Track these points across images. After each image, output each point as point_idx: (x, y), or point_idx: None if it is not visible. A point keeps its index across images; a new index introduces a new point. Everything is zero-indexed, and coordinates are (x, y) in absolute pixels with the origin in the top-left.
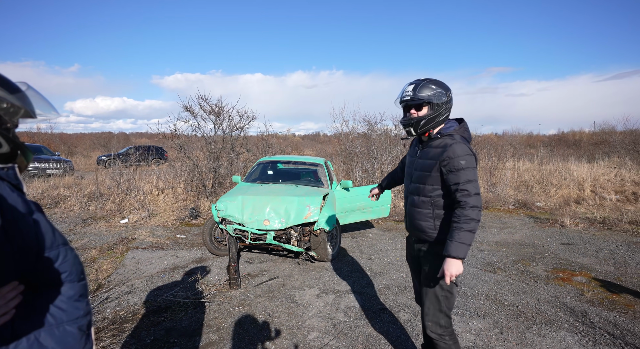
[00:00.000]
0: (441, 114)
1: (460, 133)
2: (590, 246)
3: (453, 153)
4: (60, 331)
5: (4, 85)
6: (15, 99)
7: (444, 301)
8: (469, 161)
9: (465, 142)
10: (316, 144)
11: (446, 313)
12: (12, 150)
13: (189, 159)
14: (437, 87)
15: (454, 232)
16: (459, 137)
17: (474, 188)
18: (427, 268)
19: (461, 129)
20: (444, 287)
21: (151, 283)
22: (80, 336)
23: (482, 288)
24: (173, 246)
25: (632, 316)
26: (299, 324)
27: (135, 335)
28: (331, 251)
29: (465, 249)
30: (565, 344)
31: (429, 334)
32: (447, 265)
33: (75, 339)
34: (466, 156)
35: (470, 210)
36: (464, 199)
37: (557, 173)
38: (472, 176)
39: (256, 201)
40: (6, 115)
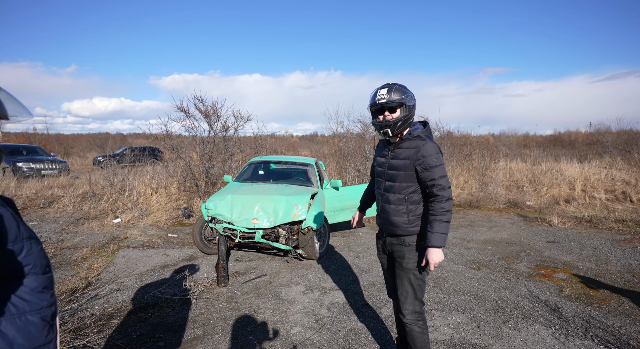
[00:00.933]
0: (412, 116)
1: (426, 134)
2: (575, 244)
3: (426, 152)
4: (22, 320)
5: None
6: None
7: (418, 289)
8: (439, 158)
9: (433, 141)
10: (313, 145)
11: (420, 299)
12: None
13: (181, 160)
14: (406, 90)
15: (434, 224)
16: (427, 138)
17: (447, 182)
18: (402, 260)
19: (427, 131)
20: (418, 276)
21: (140, 281)
22: (42, 326)
23: (464, 284)
24: (164, 245)
25: (606, 310)
26: (282, 319)
27: (122, 331)
28: (319, 249)
29: (444, 238)
30: (538, 337)
31: (405, 321)
32: (430, 254)
33: (38, 329)
34: (437, 154)
35: (445, 203)
36: (440, 193)
37: (548, 173)
38: (444, 171)
39: (245, 200)
40: None
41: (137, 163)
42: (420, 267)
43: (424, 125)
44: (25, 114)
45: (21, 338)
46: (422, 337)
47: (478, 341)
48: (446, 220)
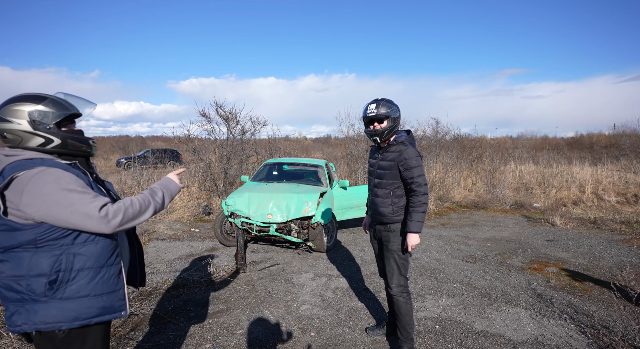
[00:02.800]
0: (397, 125)
1: (409, 141)
2: (573, 242)
3: (407, 155)
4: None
5: (30, 100)
6: (42, 107)
7: (402, 267)
8: (417, 161)
9: (414, 147)
10: (326, 147)
11: (404, 275)
12: (63, 140)
13: (202, 161)
14: (392, 104)
15: (412, 214)
16: (409, 144)
17: (423, 180)
18: (388, 243)
19: (409, 138)
20: (401, 256)
21: (170, 267)
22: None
23: (458, 274)
24: (188, 238)
25: (586, 298)
26: (293, 299)
27: (159, 304)
28: (327, 243)
29: (420, 226)
30: (516, 317)
31: (392, 293)
32: (409, 239)
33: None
34: (417, 157)
35: (422, 197)
36: (417, 189)
37: (559, 175)
38: (421, 171)
39: (261, 197)
40: (43, 119)
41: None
42: (403, 249)
43: (408, 133)
44: (90, 106)
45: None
46: (406, 306)
47: (462, 319)
48: (422, 211)
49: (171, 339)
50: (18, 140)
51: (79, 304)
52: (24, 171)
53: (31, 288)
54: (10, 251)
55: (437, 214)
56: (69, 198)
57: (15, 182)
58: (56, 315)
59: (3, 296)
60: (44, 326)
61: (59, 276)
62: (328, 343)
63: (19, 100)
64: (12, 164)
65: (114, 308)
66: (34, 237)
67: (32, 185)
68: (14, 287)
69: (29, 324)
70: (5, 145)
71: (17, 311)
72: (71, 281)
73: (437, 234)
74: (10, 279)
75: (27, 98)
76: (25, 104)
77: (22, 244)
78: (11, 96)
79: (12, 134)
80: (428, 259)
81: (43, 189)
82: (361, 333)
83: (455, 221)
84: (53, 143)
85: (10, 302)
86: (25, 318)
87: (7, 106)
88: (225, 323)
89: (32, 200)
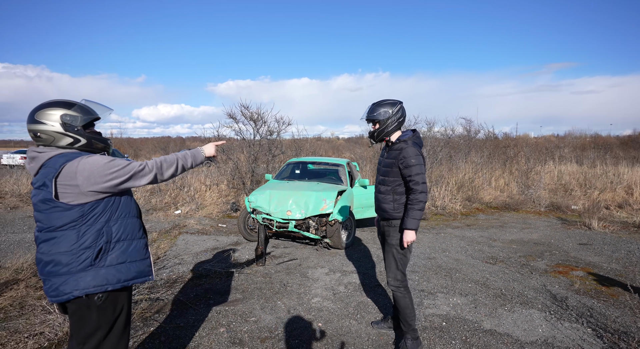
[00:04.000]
0: (388, 126)
1: (413, 140)
2: (609, 247)
3: (407, 154)
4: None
5: (61, 105)
6: (72, 112)
7: (400, 261)
8: (417, 160)
9: (416, 146)
10: (358, 147)
11: (401, 270)
12: (89, 141)
13: (230, 160)
14: (383, 107)
15: (409, 212)
16: (411, 143)
17: (421, 179)
18: (388, 237)
19: (414, 137)
20: (399, 251)
21: (196, 258)
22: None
23: (475, 275)
24: (215, 232)
25: (611, 303)
26: (306, 292)
27: (183, 291)
28: (345, 240)
29: (416, 223)
30: (529, 318)
31: (389, 286)
32: (405, 235)
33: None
34: (415, 156)
35: (419, 195)
36: (415, 187)
37: (603, 176)
38: (420, 170)
39: (281, 195)
40: (72, 122)
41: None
42: (401, 244)
43: (414, 132)
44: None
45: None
46: (404, 300)
47: (471, 317)
48: (418, 209)
49: (190, 323)
50: (50, 139)
51: (118, 269)
52: (68, 161)
53: (79, 259)
54: (60, 230)
55: (463, 215)
56: (116, 165)
57: (65, 170)
58: (102, 279)
59: (49, 271)
60: (93, 289)
61: (102, 247)
62: (334, 333)
63: (52, 105)
64: (52, 158)
65: (144, 272)
66: (80, 215)
67: (82, 167)
68: (62, 261)
69: (79, 290)
70: (38, 144)
71: (64, 282)
72: (111, 251)
73: (460, 235)
74: (60, 255)
75: (58, 104)
76: (57, 109)
77: (70, 222)
78: (45, 101)
79: (46, 134)
80: (446, 258)
81: (93, 167)
82: (367, 326)
83: (482, 222)
84: (80, 143)
85: (56, 275)
86: (75, 286)
87: (41, 110)
88: (240, 310)
89: (88, 177)
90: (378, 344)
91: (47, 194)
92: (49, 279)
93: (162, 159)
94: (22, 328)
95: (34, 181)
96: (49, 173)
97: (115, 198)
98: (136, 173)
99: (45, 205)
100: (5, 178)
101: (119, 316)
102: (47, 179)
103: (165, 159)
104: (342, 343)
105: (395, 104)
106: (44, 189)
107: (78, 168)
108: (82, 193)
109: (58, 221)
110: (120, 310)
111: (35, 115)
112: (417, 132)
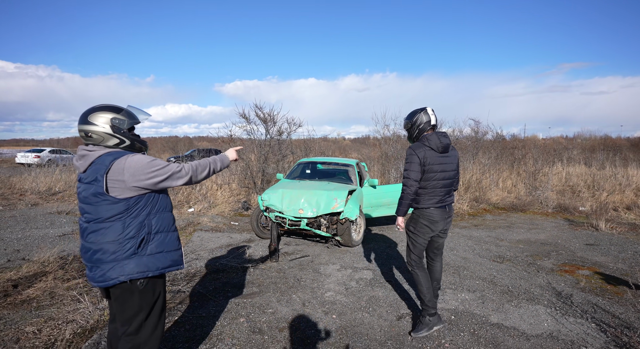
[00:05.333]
0: (411, 132)
1: (422, 141)
2: (615, 247)
3: (406, 153)
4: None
5: (111, 109)
6: (120, 116)
7: (410, 245)
8: (409, 158)
9: (418, 146)
10: (364, 147)
11: (412, 252)
12: (132, 142)
13: (242, 160)
14: (405, 119)
15: (398, 201)
16: (418, 144)
17: (407, 174)
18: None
19: (423, 139)
20: (410, 235)
21: (212, 254)
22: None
23: (483, 273)
24: (228, 230)
25: (615, 300)
26: (319, 286)
27: (202, 284)
28: (356, 238)
29: (401, 210)
30: (535, 313)
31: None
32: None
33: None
34: (410, 155)
35: (403, 187)
36: (402, 180)
37: (612, 178)
38: (408, 167)
39: (293, 193)
40: (120, 125)
41: None
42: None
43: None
44: (146, 116)
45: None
46: (417, 278)
47: (479, 312)
48: (401, 198)
49: (211, 313)
50: (100, 139)
51: (157, 258)
52: (116, 159)
53: (124, 248)
54: (108, 221)
55: (470, 215)
56: (157, 164)
57: (114, 167)
58: (144, 266)
59: (97, 258)
60: (137, 274)
61: (144, 237)
62: (347, 324)
63: (103, 109)
64: (101, 156)
65: (177, 261)
66: (126, 208)
67: (128, 165)
68: (110, 249)
69: (124, 275)
70: (87, 143)
71: (112, 268)
72: (151, 241)
73: (468, 235)
74: (108, 244)
75: (109, 108)
76: (108, 112)
77: (117, 214)
78: (96, 105)
79: (96, 135)
80: (454, 257)
81: (138, 165)
82: (379, 318)
83: (490, 223)
84: (125, 144)
85: (104, 262)
86: (120, 271)
87: (94, 113)
88: (258, 303)
89: (133, 174)
90: (390, 334)
91: (98, 188)
92: (97, 266)
93: (197, 163)
94: (54, 315)
95: (82, 177)
96: (100, 169)
97: (154, 194)
98: (174, 173)
99: (95, 198)
100: (24, 176)
101: (157, 300)
102: (98, 174)
103: (199, 163)
104: (355, 334)
105: (410, 116)
106: (95, 184)
107: (125, 165)
108: (128, 188)
109: (106, 213)
110: (159, 295)
111: (88, 117)
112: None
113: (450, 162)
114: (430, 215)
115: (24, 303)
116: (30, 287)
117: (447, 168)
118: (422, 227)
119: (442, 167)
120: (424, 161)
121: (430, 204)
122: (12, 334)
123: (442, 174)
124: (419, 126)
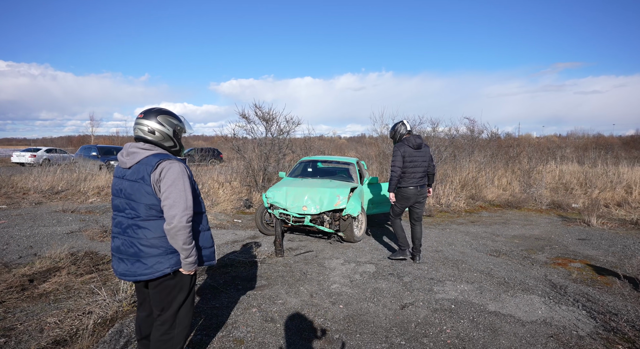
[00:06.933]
0: (394, 138)
1: (403, 141)
2: (606, 242)
3: (393, 150)
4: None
5: (176, 116)
6: (181, 124)
7: (394, 208)
8: (395, 153)
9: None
10: (360, 146)
11: (394, 211)
12: (180, 148)
13: (243, 159)
14: (390, 130)
15: (389, 181)
16: (400, 143)
17: (394, 164)
18: None
19: (403, 140)
20: (394, 203)
21: (219, 250)
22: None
23: (480, 266)
24: (232, 227)
25: (605, 290)
26: (325, 279)
27: (212, 278)
28: (358, 234)
29: (390, 187)
30: (530, 302)
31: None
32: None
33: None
34: (395, 151)
35: (392, 173)
36: (391, 167)
37: (603, 176)
38: (394, 159)
39: (297, 191)
40: (180, 131)
41: (202, 162)
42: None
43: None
44: (191, 129)
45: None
46: (394, 227)
47: (477, 301)
48: (390, 179)
49: (224, 304)
50: (161, 138)
51: (200, 252)
52: (165, 160)
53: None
54: (154, 218)
55: (467, 212)
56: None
57: (159, 168)
58: None
59: (146, 253)
60: (179, 266)
61: None
62: (354, 313)
63: (171, 114)
64: (151, 155)
65: (211, 257)
66: None
67: (166, 170)
68: (157, 244)
69: (170, 267)
70: (145, 138)
71: (159, 261)
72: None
73: (465, 230)
74: (156, 240)
75: (174, 114)
76: (174, 118)
77: (161, 211)
78: (162, 108)
79: (160, 134)
80: (452, 251)
81: (172, 175)
82: (384, 307)
83: (486, 219)
84: (176, 148)
85: (152, 256)
86: (168, 264)
87: (164, 115)
88: (267, 294)
89: (165, 179)
90: (395, 322)
91: (146, 186)
92: (139, 261)
93: (189, 236)
94: (73, 307)
95: (127, 173)
96: (147, 169)
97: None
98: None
99: (143, 196)
100: (25, 175)
101: (194, 285)
102: (146, 173)
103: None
104: (361, 322)
105: (393, 128)
106: (141, 182)
107: (163, 169)
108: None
109: (153, 210)
110: (195, 279)
111: (158, 117)
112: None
113: (423, 156)
114: (406, 192)
115: (41, 297)
116: (46, 281)
117: (420, 159)
118: (402, 199)
119: (416, 159)
120: (404, 155)
121: (408, 184)
122: (35, 324)
123: (416, 164)
124: (400, 132)
